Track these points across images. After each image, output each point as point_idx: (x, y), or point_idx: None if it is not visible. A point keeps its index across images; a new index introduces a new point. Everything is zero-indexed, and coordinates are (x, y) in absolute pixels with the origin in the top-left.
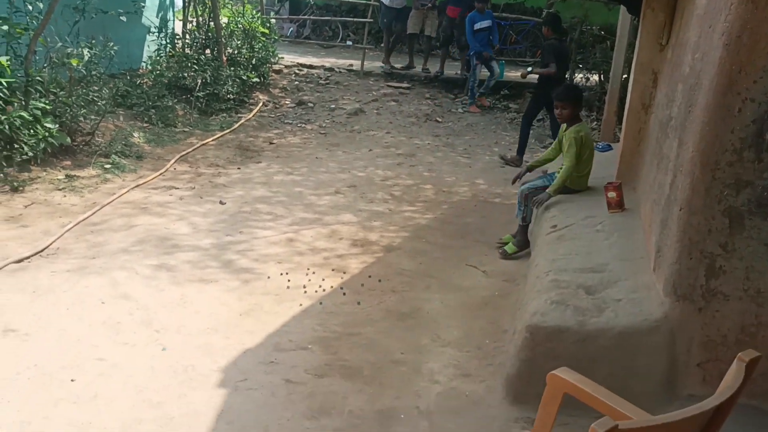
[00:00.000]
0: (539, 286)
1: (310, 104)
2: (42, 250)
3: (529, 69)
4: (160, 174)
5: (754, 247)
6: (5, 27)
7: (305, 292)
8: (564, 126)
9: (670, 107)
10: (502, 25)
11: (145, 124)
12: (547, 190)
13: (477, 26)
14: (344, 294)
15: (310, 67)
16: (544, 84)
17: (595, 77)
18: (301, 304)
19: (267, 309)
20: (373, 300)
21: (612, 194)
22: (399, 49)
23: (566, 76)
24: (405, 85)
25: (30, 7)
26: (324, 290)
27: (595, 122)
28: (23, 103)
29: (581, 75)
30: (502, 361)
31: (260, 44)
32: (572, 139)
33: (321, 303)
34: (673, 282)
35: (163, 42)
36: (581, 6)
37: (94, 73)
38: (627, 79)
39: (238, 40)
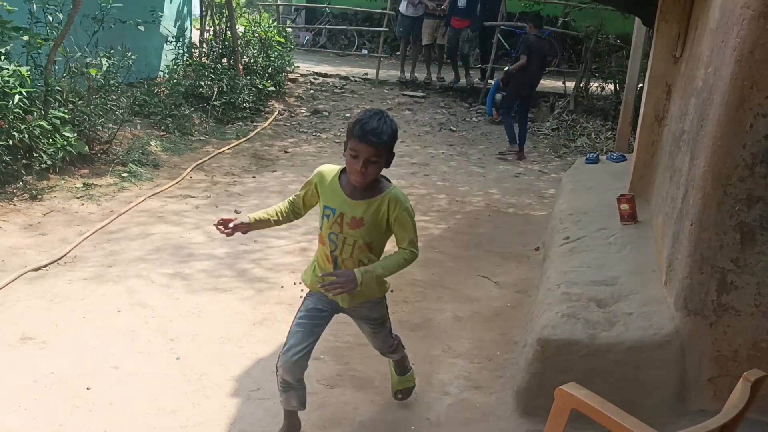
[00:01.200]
0: (550, 298)
1: (325, 113)
2: (60, 258)
3: (506, 68)
4: (177, 183)
5: (765, 262)
6: (26, 37)
7: None
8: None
9: (683, 120)
10: (518, 33)
11: (161, 133)
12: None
13: None
14: None
15: (326, 75)
16: (521, 76)
17: (611, 86)
18: None
19: (280, 319)
20: None
21: (625, 206)
22: (412, 57)
23: (542, 72)
24: (420, 93)
25: (50, 18)
26: None
27: (610, 132)
28: (42, 112)
29: (597, 84)
30: (512, 373)
31: (276, 53)
32: (404, 211)
33: None
34: (684, 296)
35: (181, 51)
36: (597, 14)
37: (112, 82)
38: (642, 89)
39: (255, 49)
